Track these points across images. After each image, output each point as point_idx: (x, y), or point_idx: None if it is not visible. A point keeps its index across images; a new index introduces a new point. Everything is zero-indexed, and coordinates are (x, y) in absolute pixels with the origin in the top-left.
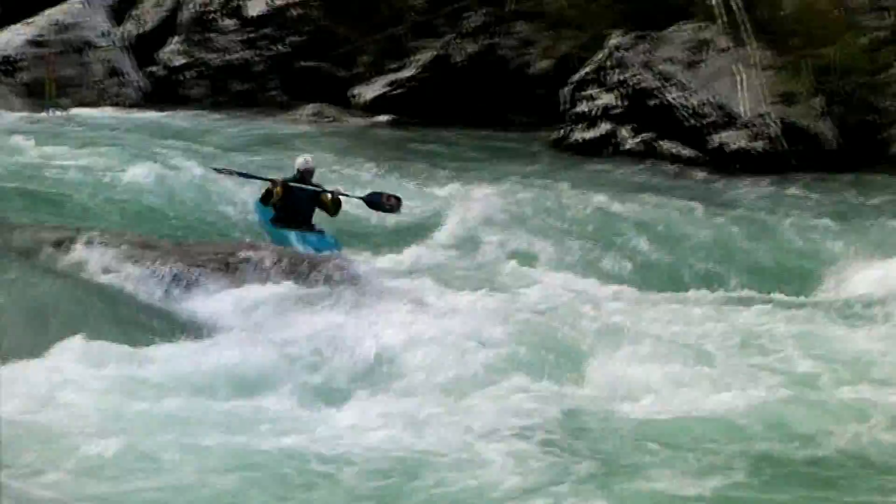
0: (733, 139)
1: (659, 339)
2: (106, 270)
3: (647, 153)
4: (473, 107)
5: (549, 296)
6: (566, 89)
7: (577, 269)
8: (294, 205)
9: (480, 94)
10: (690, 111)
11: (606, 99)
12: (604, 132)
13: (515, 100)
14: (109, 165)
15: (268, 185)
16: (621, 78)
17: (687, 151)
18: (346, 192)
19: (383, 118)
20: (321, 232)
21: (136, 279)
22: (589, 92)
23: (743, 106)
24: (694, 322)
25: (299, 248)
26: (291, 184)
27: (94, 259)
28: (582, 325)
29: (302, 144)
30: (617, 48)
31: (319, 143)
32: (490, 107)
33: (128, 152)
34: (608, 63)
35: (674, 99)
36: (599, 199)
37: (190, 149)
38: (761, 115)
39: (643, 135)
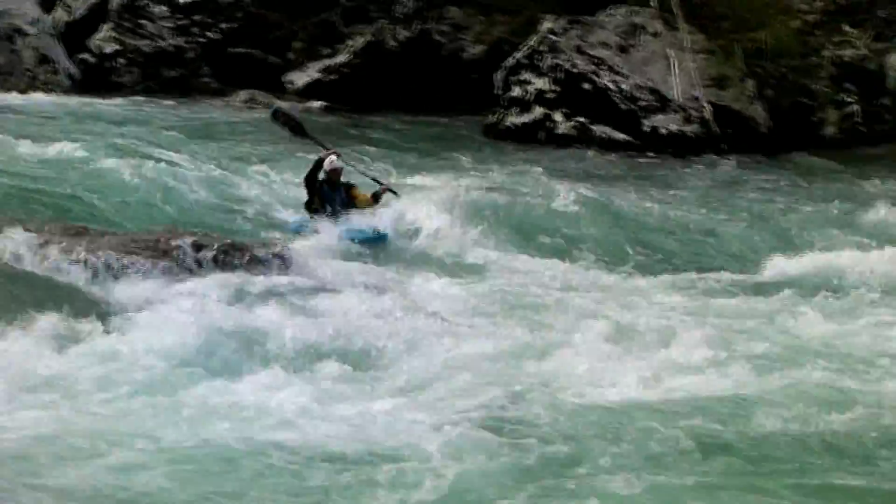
0: (666, 123)
1: (607, 322)
2: (34, 259)
3: (580, 137)
4: (407, 92)
5: (486, 281)
6: (499, 74)
7: (510, 253)
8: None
9: (414, 80)
10: (623, 95)
11: (539, 83)
12: (537, 117)
13: (449, 85)
14: (37, 153)
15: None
16: (554, 62)
17: (620, 135)
18: (392, 190)
19: (317, 104)
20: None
21: (64, 267)
22: (522, 77)
23: (675, 90)
24: (640, 304)
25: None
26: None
27: (19, 247)
28: (529, 311)
29: (236, 131)
30: (550, 33)
31: (253, 129)
32: (424, 92)
33: (57, 139)
34: (541, 48)
35: (607, 83)
36: (533, 183)
37: (122, 136)
38: (694, 99)
39: (576, 119)
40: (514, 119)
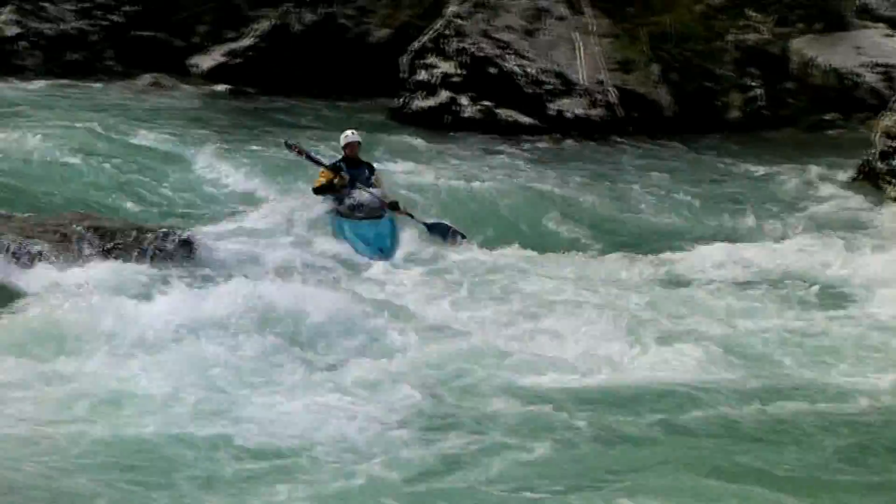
0: (572, 107)
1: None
2: None
3: (487, 121)
4: (314, 76)
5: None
6: (405, 58)
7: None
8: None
9: (320, 64)
10: (529, 79)
11: (445, 67)
12: (443, 100)
13: (356, 69)
14: None
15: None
16: (460, 46)
17: (526, 119)
18: (411, 214)
19: (222, 88)
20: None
21: None
22: (428, 60)
23: (581, 74)
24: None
25: (352, 244)
26: (357, 183)
27: None
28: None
29: (141, 114)
30: (455, 16)
31: (157, 113)
32: (330, 76)
33: None
34: (447, 31)
35: (513, 67)
36: (439, 167)
37: (26, 119)
38: (599, 83)
39: (482, 103)
40: (420, 103)
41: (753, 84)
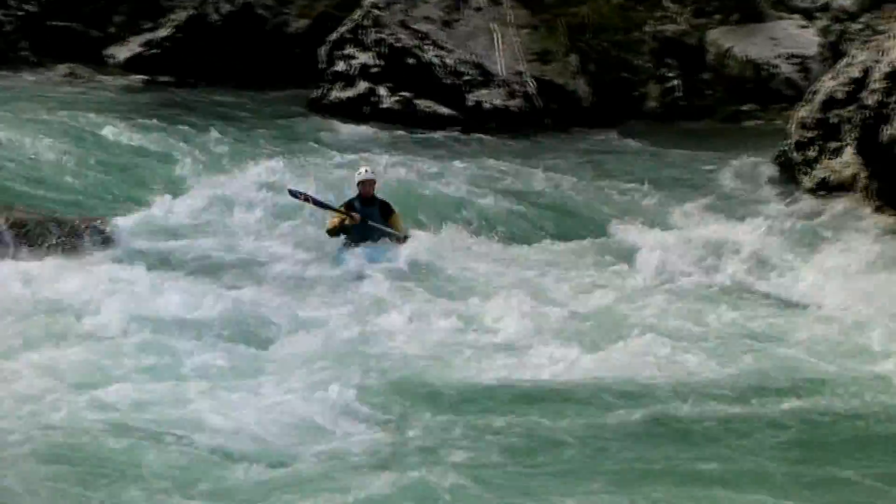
0: (490, 97)
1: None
2: None
3: (405, 112)
4: (233, 67)
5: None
6: (323, 49)
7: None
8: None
9: (239, 55)
10: (448, 70)
11: (364, 58)
12: (361, 91)
13: (274, 59)
14: None
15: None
16: (378, 37)
17: (444, 110)
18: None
19: (139, 78)
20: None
21: None
22: (346, 51)
23: (499, 64)
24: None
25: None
26: (368, 221)
27: None
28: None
29: (57, 104)
30: (373, 7)
31: (73, 104)
32: (249, 67)
33: None
34: (365, 22)
35: (431, 58)
36: (351, 158)
37: None
38: (517, 74)
39: (401, 94)
40: (339, 93)
41: (671, 75)
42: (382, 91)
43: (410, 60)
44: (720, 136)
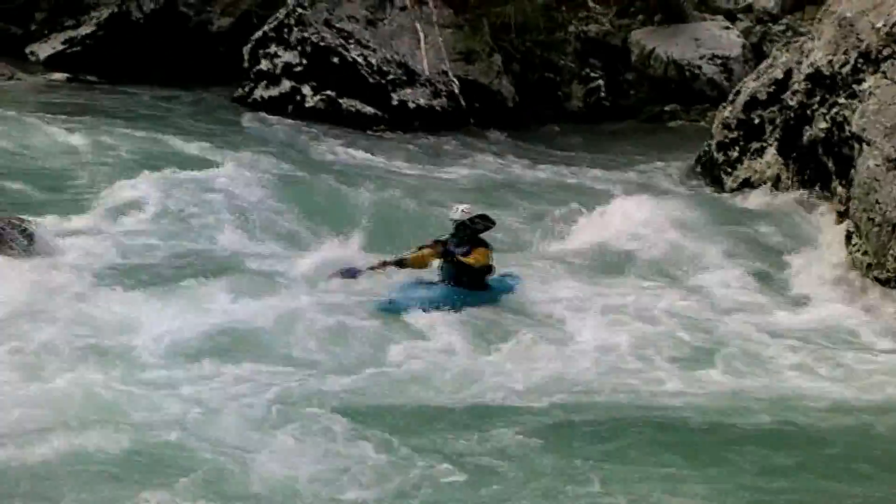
0: (415, 97)
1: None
2: None
3: (330, 111)
4: (156, 65)
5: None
6: (247, 47)
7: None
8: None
9: (162, 52)
10: (372, 69)
11: (288, 57)
12: (285, 90)
13: (198, 58)
14: None
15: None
16: (302, 36)
17: (369, 109)
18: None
19: (61, 76)
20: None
21: None
22: (270, 50)
23: (424, 64)
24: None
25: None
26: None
27: None
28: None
29: None
30: (297, 5)
31: None
32: (173, 65)
33: None
34: (289, 20)
35: (355, 57)
36: (276, 160)
37: None
38: (442, 73)
39: (325, 93)
40: (263, 92)
41: (594, 75)
42: (306, 90)
43: (335, 59)
44: (643, 135)
